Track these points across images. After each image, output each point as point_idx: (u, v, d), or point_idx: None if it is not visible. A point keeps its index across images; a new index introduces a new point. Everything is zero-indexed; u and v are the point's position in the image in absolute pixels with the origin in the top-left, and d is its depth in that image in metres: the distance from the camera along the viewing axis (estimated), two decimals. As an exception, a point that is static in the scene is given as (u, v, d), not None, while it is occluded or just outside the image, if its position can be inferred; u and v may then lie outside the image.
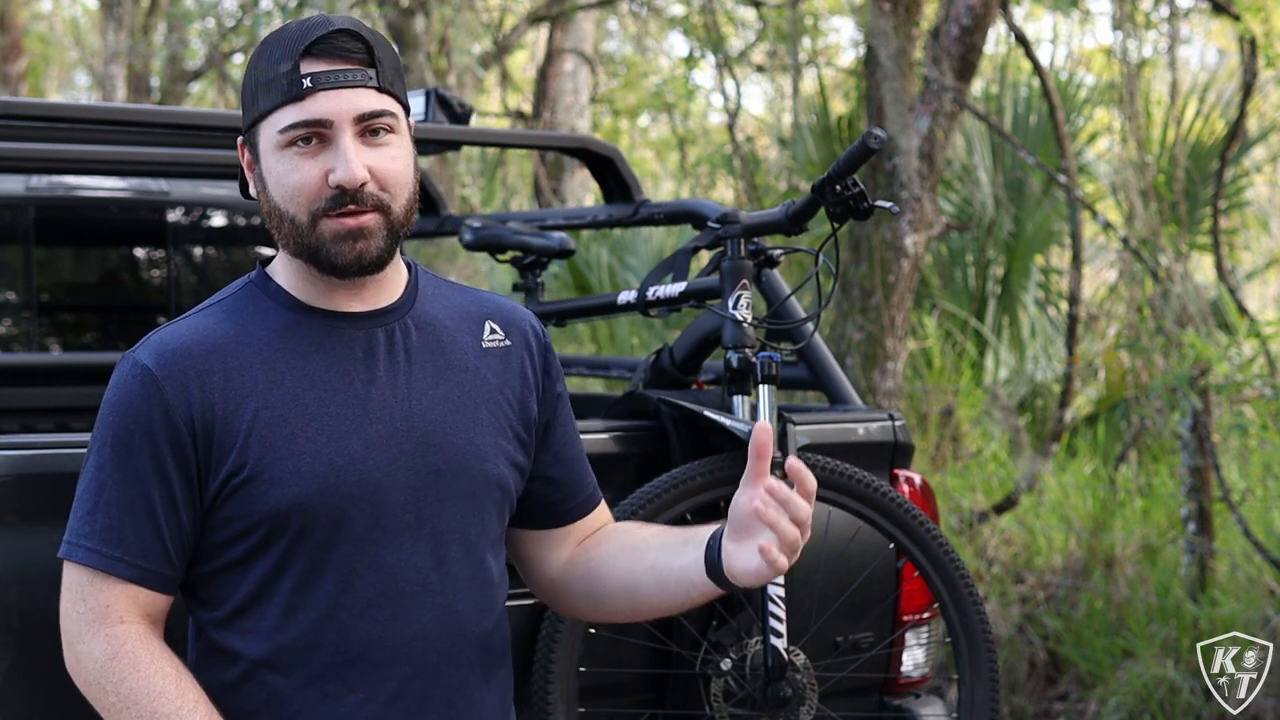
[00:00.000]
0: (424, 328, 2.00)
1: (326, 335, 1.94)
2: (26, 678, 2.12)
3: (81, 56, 19.09)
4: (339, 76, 1.87)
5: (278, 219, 1.91)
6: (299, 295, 1.96)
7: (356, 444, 1.89)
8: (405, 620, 1.90)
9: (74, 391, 3.95)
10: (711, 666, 2.53)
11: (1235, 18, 7.21)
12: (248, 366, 1.90)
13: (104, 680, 1.83)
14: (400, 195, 1.92)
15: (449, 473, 1.94)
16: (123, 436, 1.88)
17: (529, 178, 13.46)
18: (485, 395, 2.00)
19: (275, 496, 1.86)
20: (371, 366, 1.94)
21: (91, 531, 1.86)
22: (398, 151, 1.92)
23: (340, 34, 1.88)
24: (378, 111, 1.88)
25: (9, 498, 2.14)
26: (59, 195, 4.11)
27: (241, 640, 1.89)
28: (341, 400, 1.91)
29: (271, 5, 12.87)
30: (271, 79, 1.88)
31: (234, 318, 1.95)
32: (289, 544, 1.87)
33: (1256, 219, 10.06)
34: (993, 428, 7.41)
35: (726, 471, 2.53)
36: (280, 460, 1.86)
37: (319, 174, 1.87)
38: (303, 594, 1.88)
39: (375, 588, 1.89)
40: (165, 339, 1.93)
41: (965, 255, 8.59)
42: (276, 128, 1.88)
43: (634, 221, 3.45)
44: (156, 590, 1.87)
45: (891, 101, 6.06)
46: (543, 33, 14.01)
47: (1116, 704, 5.00)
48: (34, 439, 2.21)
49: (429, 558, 1.92)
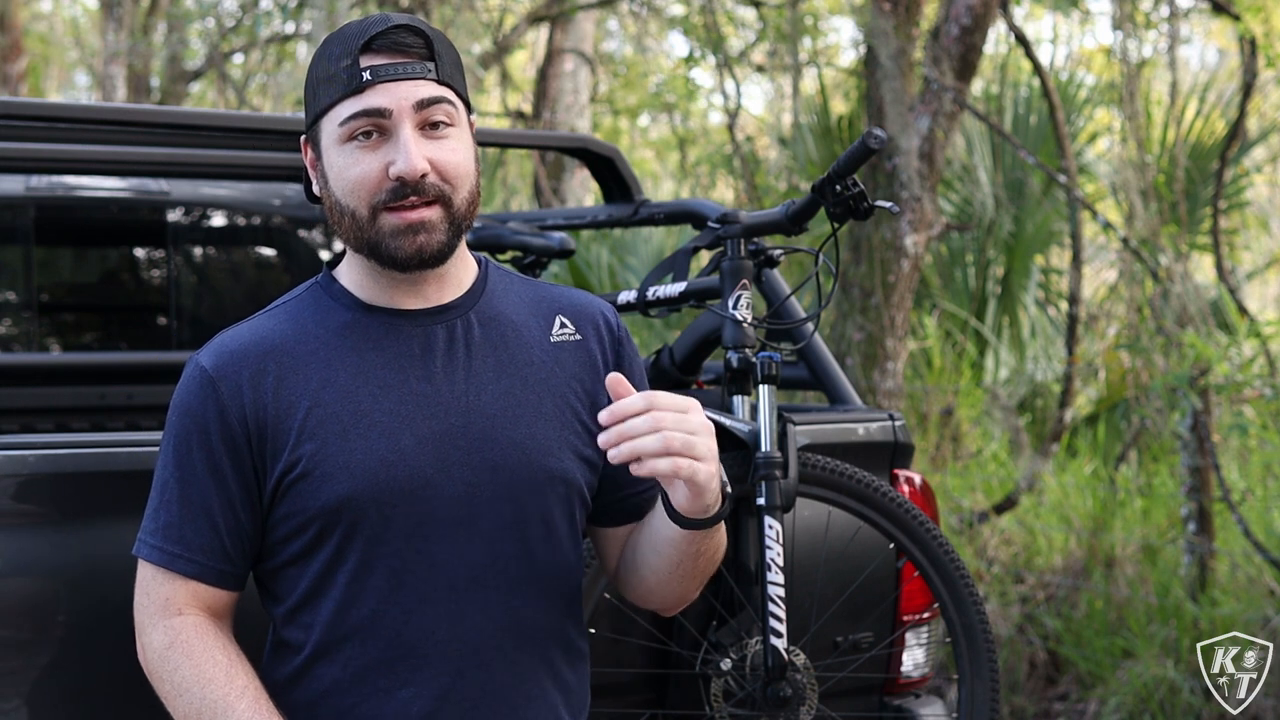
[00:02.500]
0: (489, 323, 2.00)
1: (384, 333, 1.95)
2: (37, 674, 2.12)
3: (81, 56, 19.09)
4: (398, 69, 1.89)
5: (339, 214, 1.93)
6: (361, 294, 1.98)
7: (409, 440, 1.91)
8: (458, 616, 1.91)
9: (74, 391, 3.95)
10: (711, 666, 2.52)
11: (1235, 18, 7.21)
12: (303, 365, 1.93)
13: (161, 669, 1.88)
14: (462, 187, 1.93)
15: (507, 468, 1.94)
16: (183, 436, 1.92)
17: (529, 178, 13.46)
18: (552, 389, 2.00)
19: (327, 492, 1.88)
20: (429, 363, 1.95)
21: (156, 529, 1.92)
22: (458, 144, 1.93)
23: (399, 29, 1.90)
24: (436, 98, 1.90)
25: (10, 497, 2.14)
26: (59, 195, 4.10)
27: (302, 634, 1.93)
28: (396, 397, 1.92)
29: (271, 5, 12.88)
30: (332, 74, 1.91)
31: (295, 318, 1.98)
32: (342, 539, 1.90)
33: (1256, 219, 10.06)
34: (993, 428, 7.41)
35: (726, 471, 2.52)
36: (332, 456, 1.89)
37: (380, 166, 1.89)
38: (356, 589, 1.90)
39: (427, 583, 1.91)
40: (226, 341, 1.96)
41: (965, 255, 8.59)
42: (336, 121, 1.90)
43: (634, 221, 3.45)
44: (215, 585, 1.92)
45: (891, 101, 6.06)
46: (543, 33, 14.00)
47: (1116, 704, 5.00)
48: (36, 439, 2.21)
49: (483, 553, 1.93)
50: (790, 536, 2.56)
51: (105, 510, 2.18)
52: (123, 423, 3.98)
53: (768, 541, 2.45)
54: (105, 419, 3.98)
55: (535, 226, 3.45)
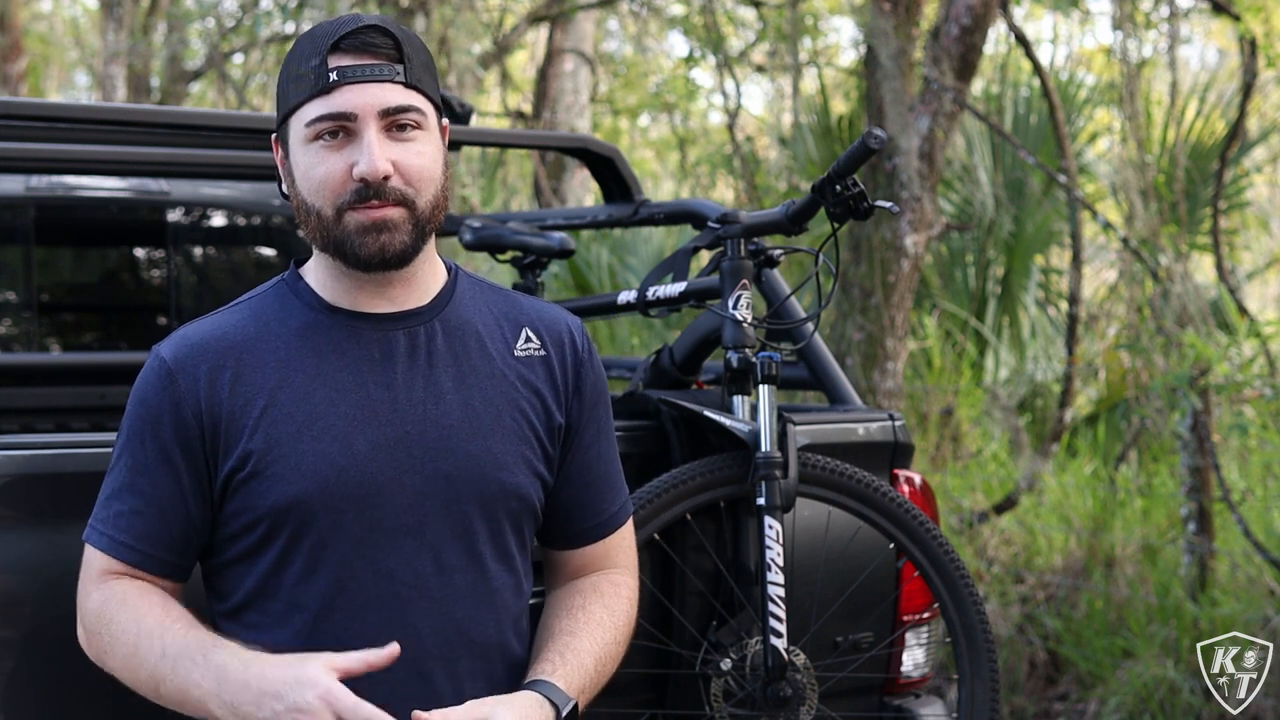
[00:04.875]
0: (453, 332, 2.00)
1: (345, 336, 1.95)
2: (32, 674, 2.12)
3: (81, 56, 19.08)
4: (365, 71, 1.89)
5: (305, 212, 1.93)
6: (325, 295, 1.98)
7: (362, 445, 1.90)
8: (400, 624, 1.90)
9: (74, 391, 3.95)
10: (711, 666, 2.52)
11: (1235, 18, 7.21)
12: (262, 364, 1.92)
13: (97, 624, 1.89)
14: (425, 191, 1.93)
15: (460, 478, 1.94)
16: (138, 426, 1.93)
17: (529, 178, 13.45)
18: (512, 402, 1.99)
19: (277, 492, 1.88)
20: (388, 369, 1.94)
21: (106, 516, 1.92)
22: (424, 147, 1.93)
23: (369, 30, 1.90)
24: (403, 106, 1.90)
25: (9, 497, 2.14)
26: (59, 195, 4.10)
27: (246, 633, 1.91)
28: (352, 401, 1.92)
29: (271, 5, 12.87)
30: (301, 74, 1.91)
31: (258, 316, 1.98)
32: (289, 540, 1.89)
33: (1256, 219, 10.06)
34: (993, 428, 7.40)
35: (726, 471, 2.53)
36: (284, 457, 1.88)
37: (344, 167, 1.89)
38: (301, 591, 1.90)
39: (371, 589, 1.90)
40: (188, 334, 1.96)
41: (965, 255, 8.59)
42: (304, 121, 1.91)
43: (634, 221, 3.45)
44: (159, 575, 1.92)
45: (891, 101, 6.05)
46: (543, 33, 14.00)
47: (1116, 704, 4.99)
48: (37, 439, 2.21)
49: (429, 563, 1.92)
50: (790, 536, 2.56)
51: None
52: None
53: (768, 541, 2.45)
54: (105, 419, 3.98)
55: (535, 226, 3.45)
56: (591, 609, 2.06)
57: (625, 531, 2.16)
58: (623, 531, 2.15)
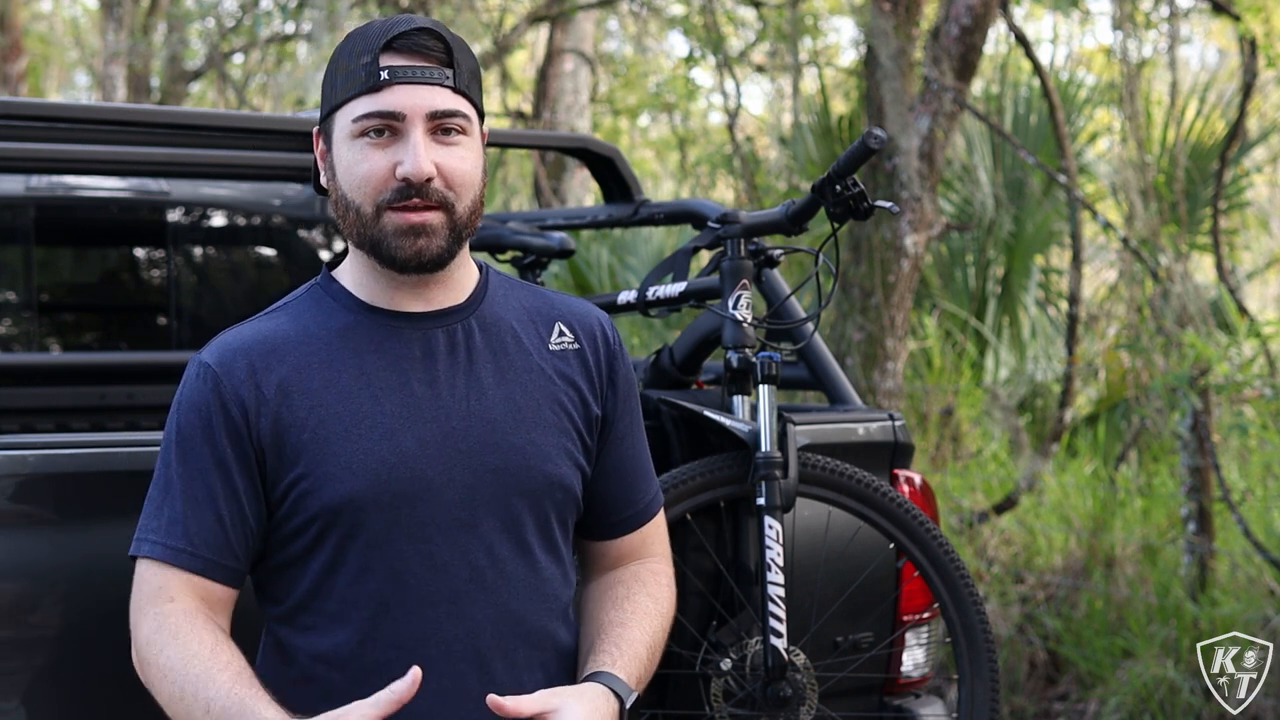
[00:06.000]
0: (489, 329, 2.02)
1: (386, 335, 1.96)
2: (36, 675, 2.12)
3: (81, 56, 19.08)
4: (416, 72, 1.90)
5: (344, 208, 1.94)
6: (361, 295, 1.99)
7: (410, 442, 1.92)
8: (458, 617, 1.92)
9: (74, 391, 3.95)
10: (711, 666, 2.52)
11: (1235, 18, 7.21)
12: (305, 366, 1.93)
13: (148, 652, 1.87)
14: (465, 196, 1.94)
15: (508, 471, 1.96)
16: (186, 432, 1.92)
17: (529, 178, 13.46)
18: (550, 396, 2.02)
19: (328, 493, 1.89)
20: (430, 366, 1.96)
21: (158, 526, 1.91)
22: (467, 153, 1.94)
23: (421, 32, 1.91)
24: (451, 111, 1.92)
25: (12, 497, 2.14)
26: (59, 195, 4.10)
27: (301, 636, 1.93)
28: (397, 399, 1.93)
29: (271, 5, 12.88)
30: (351, 70, 1.92)
31: (296, 319, 1.99)
32: (342, 540, 1.90)
33: (1256, 219, 10.06)
34: (993, 428, 7.40)
35: (726, 471, 2.53)
36: (333, 457, 1.89)
37: (387, 165, 1.90)
38: (357, 590, 1.91)
39: (428, 585, 1.92)
40: (228, 339, 1.97)
41: (965, 255, 8.59)
42: (351, 116, 1.91)
43: (634, 221, 3.45)
44: (218, 581, 1.91)
45: (891, 101, 6.05)
46: (543, 33, 14.00)
47: (1116, 704, 4.99)
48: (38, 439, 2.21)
49: (483, 556, 1.94)
50: (790, 536, 2.56)
51: (105, 510, 2.18)
52: (123, 423, 3.98)
53: (768, 541, 2.45)
54: (105, 419, 3.98)
55: (535, 226, 3.45)
56: (637, 598, 2.09)
57: (659, 520, 2.19)
58: (657, 520, 2.18)
